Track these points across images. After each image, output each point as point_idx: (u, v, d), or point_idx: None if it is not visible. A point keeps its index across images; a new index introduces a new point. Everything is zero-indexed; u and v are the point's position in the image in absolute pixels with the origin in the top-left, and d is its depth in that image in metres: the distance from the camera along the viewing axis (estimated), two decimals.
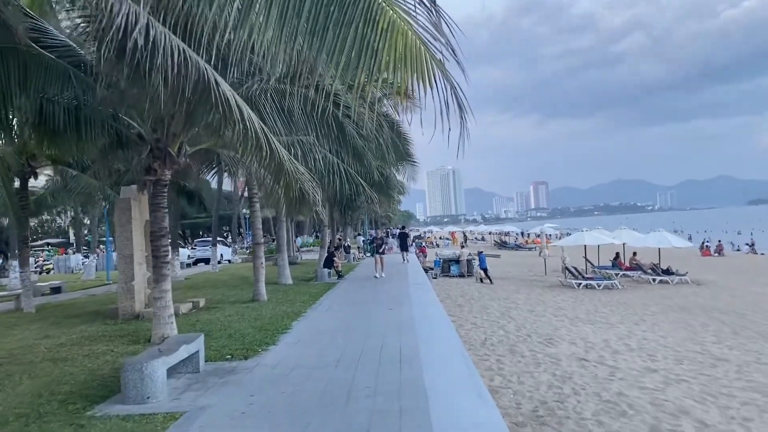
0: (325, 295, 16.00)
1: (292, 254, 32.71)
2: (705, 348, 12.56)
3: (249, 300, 14.92)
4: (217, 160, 13.40)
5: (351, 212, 31.19)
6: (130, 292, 12.78)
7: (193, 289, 18.98)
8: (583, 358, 11.28)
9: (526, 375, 9.97)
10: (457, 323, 14.71)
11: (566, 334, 13.69)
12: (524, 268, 36.55)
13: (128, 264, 12.84)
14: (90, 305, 15.53)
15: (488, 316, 16.27)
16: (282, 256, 19.67)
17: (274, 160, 7.07)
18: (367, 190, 16.18)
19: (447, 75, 4.00)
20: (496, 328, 14.23)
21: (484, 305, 18.50)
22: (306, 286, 18.73)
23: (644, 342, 13.16)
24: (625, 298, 21.33)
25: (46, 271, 37.48)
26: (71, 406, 6.23)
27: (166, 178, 9.85)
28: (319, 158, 10.81)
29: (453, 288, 24.12)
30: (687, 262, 33.73)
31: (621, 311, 18.03)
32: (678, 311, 17.92)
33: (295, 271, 24.85)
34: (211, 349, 8.98)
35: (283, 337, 9.86)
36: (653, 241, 28.22)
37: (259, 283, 14.92)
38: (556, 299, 21.12)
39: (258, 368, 7.76)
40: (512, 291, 23.20)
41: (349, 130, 10.13)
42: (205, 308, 13.84)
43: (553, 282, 27.48)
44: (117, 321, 12.35)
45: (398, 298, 14.68)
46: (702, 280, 27.12)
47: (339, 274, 21.28)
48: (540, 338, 13.12)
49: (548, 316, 16.49)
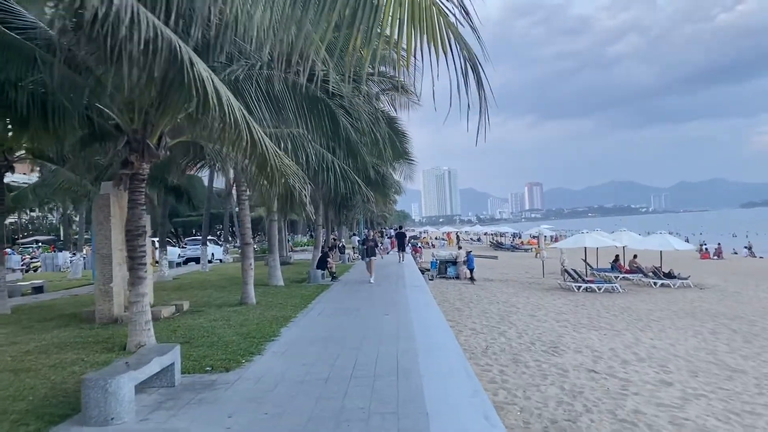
0: (317, 298, 15.25)
1: (285, 254, 31.92)
2: (718, 358, 11.87)
3: (236, 303, 14.15)
4: (202, 154, 12.57)
5: (346, 211, 30.45)
6: (108, 294, 11.97)
7: (180, 290, 18.19)
8: (591, 369, 10.55)
9: (532, 389, 9.23)
10: (456, 329, 13.98)
11: (571, 342, 12.98)
12: (521, 270, 35.87)
13: (106, 264, 12.03)
14: (69, 307, 14.71)
15: (488, 321, 15.54)
16: (273, 257, 18.88)
17: (257, 152, 6.29)
18: (362, 188, 15.43)
19: (463, 41, 3.27)
20: (496, 335, 13.50)
21: (483, 309, 17.78)
22: (298, 288, 17.96)
23: (654, 351, 12.46)
24: (628, 303, 20.66)
25: (33, 269, 36.56)
26: (24, 428, 5.46)
27: (144, 172, 9.08)
28: (311, 153, 10.02)
29: (450, 290, 23.40)
30: (686, 265, 33.12)
31: (625, 317, 17.34)
32: (684, 317, 17.25)
33: (287, 272, 24.07)
34: (191, 359, 8.23)
35: (270, 346, 9.10)
36: (655, 244, 27.56)
37: (247, 286, 14.14)
38: (557, 303, 20.43)
39: (240, 383, 7.01)
40: (511, 294, 22.49)
41: (342, 122, 9.31)
42: (188, 312, 13.05)
43: (551, 285, 26.79)
44: (93, 325, 11.55)
45: (394, 301, 13.96)
46: (704, 284, 26.50)
47: (333, 276, 20.51)
48: (544, 346, 12.39)
49: (550, 322, 15.77)
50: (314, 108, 8.71)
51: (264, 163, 6.66)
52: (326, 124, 9.01)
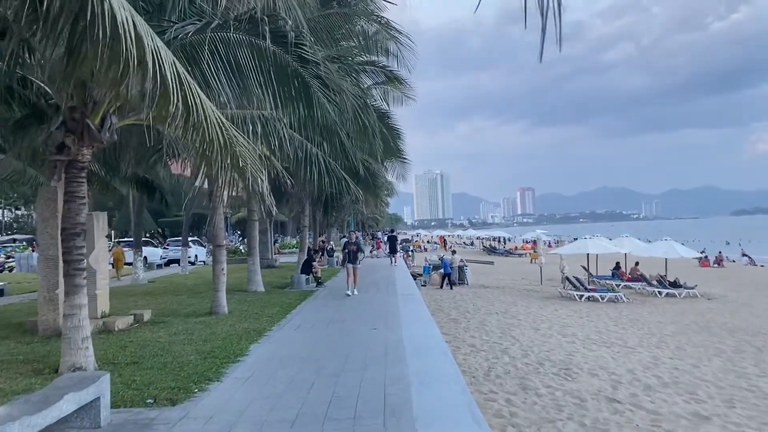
0: (298, 307, 13.72)
1: (271, 257, 30.32)
2: (752, 383, 10.43)
3: (206, 313, 12.59)
4: (159, 140, 10.97)
5: (335, 212, 28.90)
6: (53, 302, 10.39)
7: (150, 296, 16.59)
8: (612, 398, 9.07)
9: (547, 426, 7.72)
10: (453, 344, 12.49)
11: (583, 362, 11.51)
12: (517, 276, 34.46)
13: (52, 268, 10.44)
14: (18, 315, 13.12)
15: (488, 335, 14.03)
16: (253, 260, 17.29)
17: (193, 122, 4.75)
18: (351, 185, 13.91)
19: None
20: (498, 353, 11.98)
21: (481, 321, 16.27)
22: (279, 294, 16.40)
23: (676, 373, 11.01)
24: (635, 314, 19.24)
25: (8, 269, 34.80)
26: None
27: (83, 159, 7.54)
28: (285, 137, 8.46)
29: (445, 298, 21.89)
30: (685, 273, 31.67)
31: (635, 330, 15.91)
32: (699, 332, 15.84)
33: (270, 276, 22.51)
34: (132, 387, 6.70)
35: (233, 370, 7.58)
36: (660, 251, 26.18)
37: (218, 293, 12.58)
38: (559, 314, 18.98)
39: (184, 423, 5.51)
40: (509, 303, 21.01)
41: (318, 96, 7.67)
42: (149, 323, 11.48)
43: (551, 293, 25.36)
44: (34, 338, 10.01)
45: (384, 312, 12.46)
46: (711, 294, 25.14)
47: (318, 281, 18.96)
48: (554, 367, 10.89)
49: (556, 337, 14.30)
50: (284, 77, 7.15)
51: (201, 135, 5.06)
52: (295, 92, 7.40)
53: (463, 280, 28.92)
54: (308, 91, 7.44)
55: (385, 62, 19.23)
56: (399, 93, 22.41)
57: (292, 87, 7.29)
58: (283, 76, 7.15)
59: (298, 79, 7.25)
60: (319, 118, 7.93)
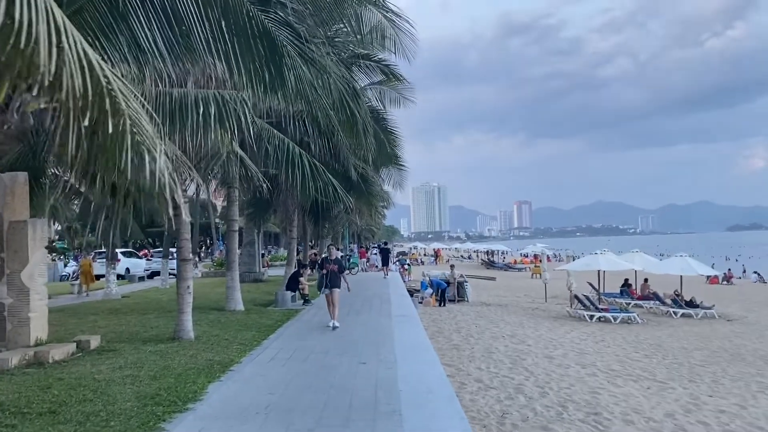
0: (278, 330, 11.92)
1: (258, 270, 28.48)
2: None
3: (168, 338, 10.75)
4: None
5: (327, 223, 27.08)
6: None
7: (114, 315, 14.75)
8: None
9: None
10: (458, 379, 10.67)
11: (612, 402, 9.70)
12: (519, 293, 32.65)
13: None
14: None
15: (496, 366, 12.19)
16: (232, 275, 15.44)
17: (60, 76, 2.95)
18: (339, 191, 12.15)
19: None
20: (512, 391, 10.13)
21: (486, 347, 14.44)
22: (259, 314, 14.57)
23: (724, 418, 9.23)
24: (653, 338, 17.46)
25: None
26: None
27: None
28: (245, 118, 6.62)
29: (444, 318, 20.05)
30: (694, 291, 29.76)
31: (660, 359, 14.13)
32: (732, 361, 14.07)
33: (256, 292, 20.69)
34: None
35: (176, 425, 5.77)
36: (676, 268, 24.42)
37: (183, 315, 10.76)
38: (571, 336, 17.19)
39: None
40: (516, 324, 19.19)
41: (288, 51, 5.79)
42: (95, 351, 9.64)
43: (557, 311, 23.57)
44: None
45: (376, 339, 10.68)
46: (729, 315, 23.37)
47: (305, 299, 17.13)
48: (579, 411, 9.07)
49: (574, 367, 12.50)
50: (239, 29, 5.36)
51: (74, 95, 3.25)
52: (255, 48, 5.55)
53: (464, 297, 27.09)
54: (273, 44, 5.60)
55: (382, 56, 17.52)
56: (396, 94, 20.73)
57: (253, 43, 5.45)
58: (238, 25, 5.35)
59: (257, 27, 5.42)
60: (293, 84, 6.04)
